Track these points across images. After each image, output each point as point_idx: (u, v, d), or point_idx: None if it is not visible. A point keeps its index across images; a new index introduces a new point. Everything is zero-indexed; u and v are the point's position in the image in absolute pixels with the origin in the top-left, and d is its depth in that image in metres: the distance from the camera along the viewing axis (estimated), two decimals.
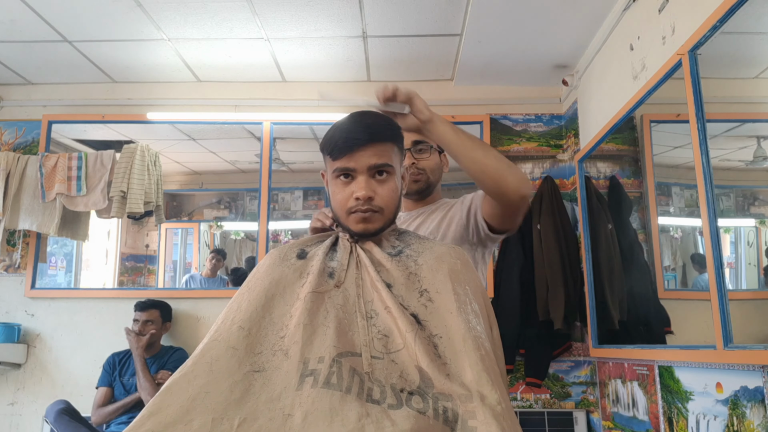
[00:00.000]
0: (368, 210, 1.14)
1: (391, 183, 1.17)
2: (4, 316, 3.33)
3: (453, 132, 1.31)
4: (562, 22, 2.76)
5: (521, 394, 3.16)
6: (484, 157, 1.29)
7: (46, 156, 3.30)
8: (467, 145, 1.30)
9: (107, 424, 2.87)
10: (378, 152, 1.15)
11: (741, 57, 1.98)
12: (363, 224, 1.16)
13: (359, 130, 1.15)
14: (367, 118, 1.19)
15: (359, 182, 1.15)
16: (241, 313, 1.04)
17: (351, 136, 1.15)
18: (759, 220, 2.03)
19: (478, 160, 1.29)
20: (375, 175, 1.16)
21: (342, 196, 1.17)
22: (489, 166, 1.29)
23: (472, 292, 1.10)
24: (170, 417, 0.87)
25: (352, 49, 3.18)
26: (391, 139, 1.19)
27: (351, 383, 0.91)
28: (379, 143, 1.16)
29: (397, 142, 1.21)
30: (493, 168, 1.29)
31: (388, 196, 1.16)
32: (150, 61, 3.30)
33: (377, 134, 1.16)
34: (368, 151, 1.14)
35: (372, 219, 1.16)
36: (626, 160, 2.81)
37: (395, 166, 1.19)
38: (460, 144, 1.30)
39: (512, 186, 1.29)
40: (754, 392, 1.68)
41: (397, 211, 1.22)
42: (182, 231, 4.29)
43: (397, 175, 1.20)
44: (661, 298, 2.40)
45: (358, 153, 1.14)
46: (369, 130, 1.15)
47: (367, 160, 1.14)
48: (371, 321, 1.03)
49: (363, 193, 1.13)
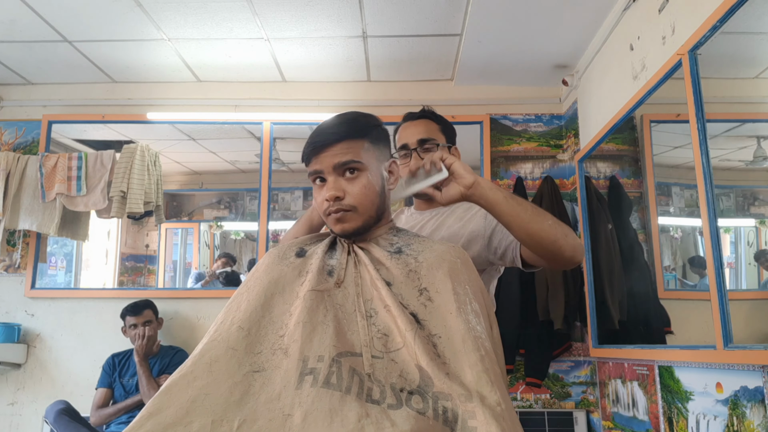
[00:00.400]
0: (339, 210, 1.13)
1: (362, 179, 1.15)
2: (4, 316, 3.33)
3: (504, 198, 1.20)
4: (562, 22, 2.76)
5: (521, 394, 3.16)
6: (539, 229, 1.20)
7: (46, 156, 3.30)
8: (520, 214, 1.20)
9: (107, 425, 2.87)
10: (343, 150, 1.13)
11: (741, 57, 1.98)
12: (340, 224, 1.15)
13: (324, 131, 1.15)
14: (337, 118, 1.18)
15: (328, 183, 1.15)
16: (240, 313, 1.04)
17: (316, 139, 1.14)
18: (759, 220, 2.03)
19: (534, 232, 1.20)
20: (344, 173, 1.14)
21: (319, 200, 1.17)
22: (544, 238, 1.20)
23: (472, 291, 1.09)
24: (169, 418, 0.87)
25: (352, 49, 3.18)
26: (358, 135, 1.16)
27: (351, 383, 0.91)
28: (345, 141, 1.14)
29: (369, 136, 1.18)
30: (549, 240, 1.21)
31: (359, 192, 1.14)
32: (150, 61, 3.30)
33: (340, 132, 1.14)
34: (333, 150, 1.13)
35: (346, 218, 1.14)
36: (626, 160, 2.81)
37: (365, 162, 1.15)
38: (512, 212, 1.20)
39: (567, 256, 1.23)
40: (754, 392, 1.68)
41: (380, 209, 1.19)
42: (182, 231, 4.29)
43: (370, 170, 1.16)
44: (661, 298, 2.40)
45: (323, 154, 1.14)
46: (332, 130, 1.14)
47: (332, 160, 1.13)
48: (371, 320, 1.03)
49: (330, 193, 1.13)
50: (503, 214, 1.20)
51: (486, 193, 1.20)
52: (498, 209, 1.20)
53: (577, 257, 1.25)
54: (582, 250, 1.27)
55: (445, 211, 1.54)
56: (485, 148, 3.38)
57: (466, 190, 1.20)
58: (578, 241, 1.26)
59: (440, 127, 1.57)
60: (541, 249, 1.23)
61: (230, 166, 4.10)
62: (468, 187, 1.20)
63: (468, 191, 1.20)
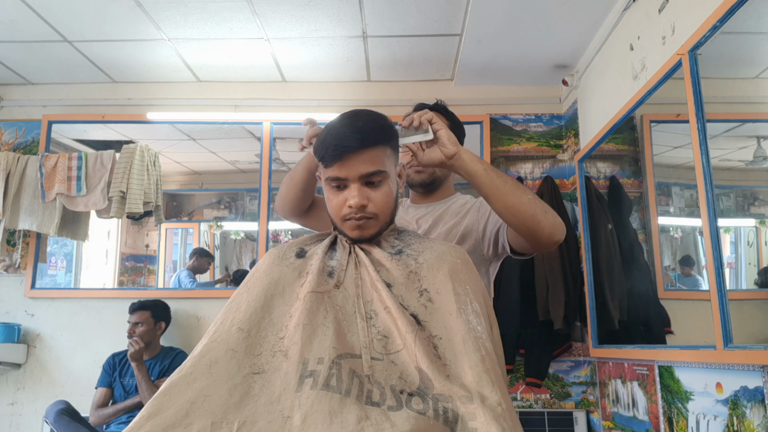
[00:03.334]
0: (362, 218, 1.13)
1: (385, 188, 1.15)
2: (4, 316, 3.33)
3: (483, 170, 1.23)
4: (562, 22, 2.76)
5: (521, 394, 3.16)
6: (517, 202, 1.22)
7: (46, 156, 3.30)
8: (499, 186, 1.22)
9: (107, 424, 2.87)
10: (370, 159, 1.12)
11: (741, 57, 1.98)
12: (358, 231, 1.15)
13: (349, 135, 1.10)
14: (357, 120, 1.13)
15: (352, 190, 1.13)
16: (240, 314, 1.04)
17: (341, 143, 1.10)
18: (759, 220, 2.03)
19: (511, 204, 1.22)
20: (368, 181, 1.14)
21: (336, 203, 1.15)
22: (523, 212, 1.22)
23: (472, 291, 1.10)
24: (169, 420, 0.87)
25: (352, 49, 3.17)
26: (383, 142, 1.15)
27: (350, 385, 0.91)
28: (371, 148, 1.12)
29: (391, 143, 1.18)
30: (528, 214, 1.22)
31: (382, 201, 1.15)
32: (150, 61, 3.30)
33: (368, 140, 1.11)
34: (359, 159, 1.11)
35: (367, 226, 1.15)
36: (626, 160, 2.81)
37: (388, 170, 1.16)
38: (491, 184, 1.23)
39: (546, 232, 1.24)
40: (754, 392, 1.68)
41: (393, 213, 1.21)
42: (182, 231, 4.29)
43: (390, 178, 1.17)
44: (661, 298, 2.40)
45: (349, 161, 1.11)
46: (359, 136, 1.10)
47: (359, 169, 1.12)
48: (371, 321, 1.03)
49: (356, 201, 1.11)
50: (482, 185, 1.24)
51: (466, 165, 1.24)
52: (478, 180, 1.24)
53: (556, 234, 1.25)
54: (563, 229, 1.27)
55: (441, 207, 1.56)
56: (485, 148, 3.38)
57: (447, 159, 1.24)
58: (558, 220, 1.26)
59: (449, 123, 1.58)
60: (520, 225, 1.24)
61: (230, 166, 4.10)
62: (449, 157, 1.24)
63: (449, 161, 1.24)
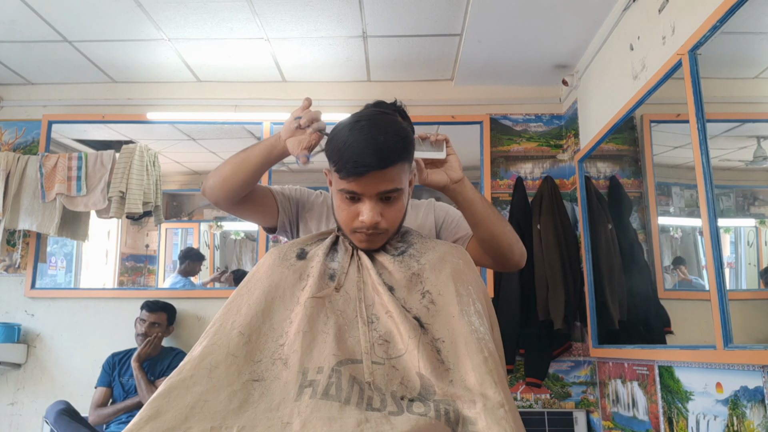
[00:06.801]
0: (373, 233, 1.13)
1: (399, 204, 1.15)
2: (4, 316, 3.33)
3: (480, 200, 1.29)
4: (562, 22, 2.76)
5: (521, 394, 3.16)
6: (501, 231, 1.30)
7: (46, 156, 3.30)
8: (489, 215, 1.29)
9: (106, 424, 2.87)
10: (389, 177, 1.09)
11: (741, 57, 1.98)
12: (367, 244, 1.15)
13: (370, 153, 1.05)
14: (378, 134, 1.07)
15: (366, 205, 1.11)
16: (240, 317, 1.03)
17: (361, 161, 1.05)
18: (759, 220, 2.03)
19: (497, 233, 1.30)
20: (384, 198, 1.13)
21: (347, 214, 1.14)
22: (503, 240, 1.31)
23: (474, 292, 1.09)
24: (168, 423, 0.87)
25: (352, 49, 3.17)
26: (402, 159, 1.11)
27: (350, 393, 0.90)
28: (391, 167, 1.09)
29: (409, 157, 1.16)
30: (506, 243, 1.31)
31: (394, 217, 1.15)
32: (150, 61, 3.30)
33: (389, 159, 1.08)
34: (379, 176, 1.08)
35: (376, 240, 1.15)
36: (626, 160, 2.81)
37: (404, 186, 1.15)
38: (483, 213, 1.29)
39: (516, 259, 1.34)
40: (754, 392, 1.68)
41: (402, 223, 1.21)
42: (182, 231, 4.28)
43: (405, 192, 1.17)
44: (661, 298, 2.40)
45: (367, 178, 1.08)
46: (380, 155, 1.06)
47: (377, 187, 1.10)
48: (372, 326, 1.02)
49: (369, 219, 1.11)
50: (476, 213, 1.28)
51: (467, 192, 1.28)
52: (473, 208, 1.28)
53: (521, 263, 1.37)
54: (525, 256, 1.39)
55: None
56: (485, 148, 3.37)
57: (451, 183, 1.26)
58: (524, 249, 1.38)
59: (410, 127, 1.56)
60: (497, 250, 1.32)
61: None
62: (454, 181, 1.26)
63: (452, 185, 1.26)
